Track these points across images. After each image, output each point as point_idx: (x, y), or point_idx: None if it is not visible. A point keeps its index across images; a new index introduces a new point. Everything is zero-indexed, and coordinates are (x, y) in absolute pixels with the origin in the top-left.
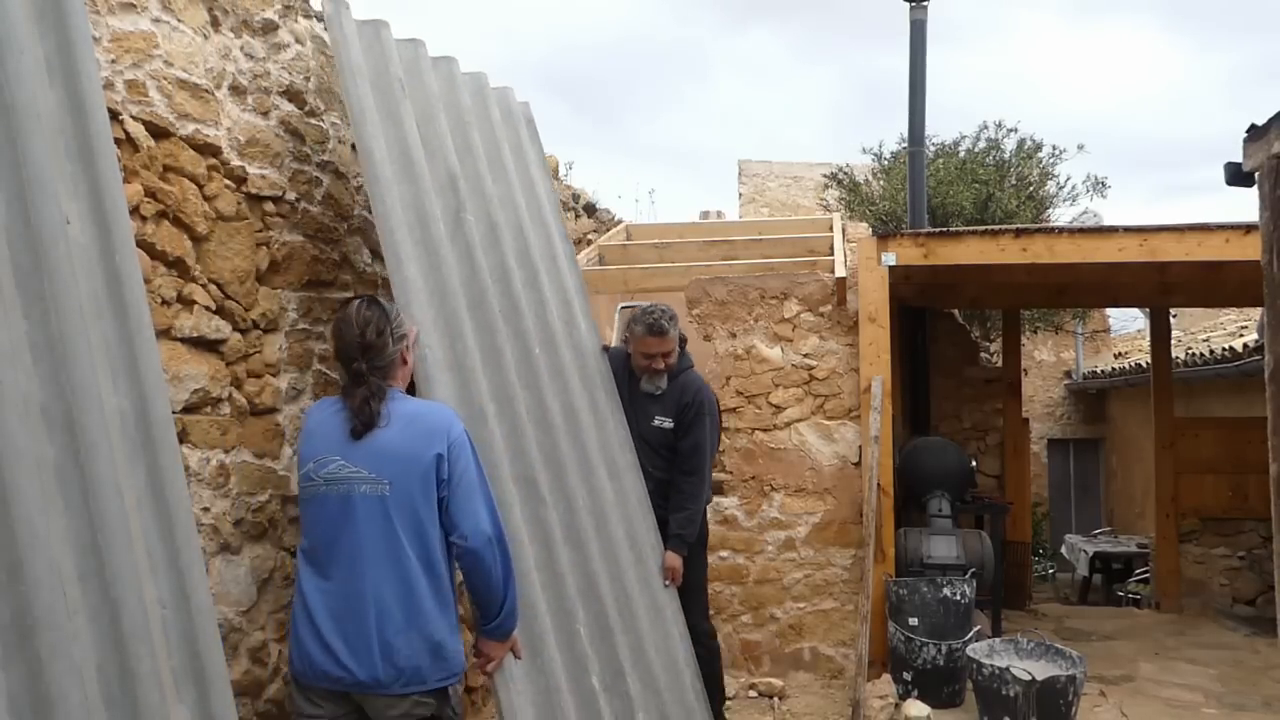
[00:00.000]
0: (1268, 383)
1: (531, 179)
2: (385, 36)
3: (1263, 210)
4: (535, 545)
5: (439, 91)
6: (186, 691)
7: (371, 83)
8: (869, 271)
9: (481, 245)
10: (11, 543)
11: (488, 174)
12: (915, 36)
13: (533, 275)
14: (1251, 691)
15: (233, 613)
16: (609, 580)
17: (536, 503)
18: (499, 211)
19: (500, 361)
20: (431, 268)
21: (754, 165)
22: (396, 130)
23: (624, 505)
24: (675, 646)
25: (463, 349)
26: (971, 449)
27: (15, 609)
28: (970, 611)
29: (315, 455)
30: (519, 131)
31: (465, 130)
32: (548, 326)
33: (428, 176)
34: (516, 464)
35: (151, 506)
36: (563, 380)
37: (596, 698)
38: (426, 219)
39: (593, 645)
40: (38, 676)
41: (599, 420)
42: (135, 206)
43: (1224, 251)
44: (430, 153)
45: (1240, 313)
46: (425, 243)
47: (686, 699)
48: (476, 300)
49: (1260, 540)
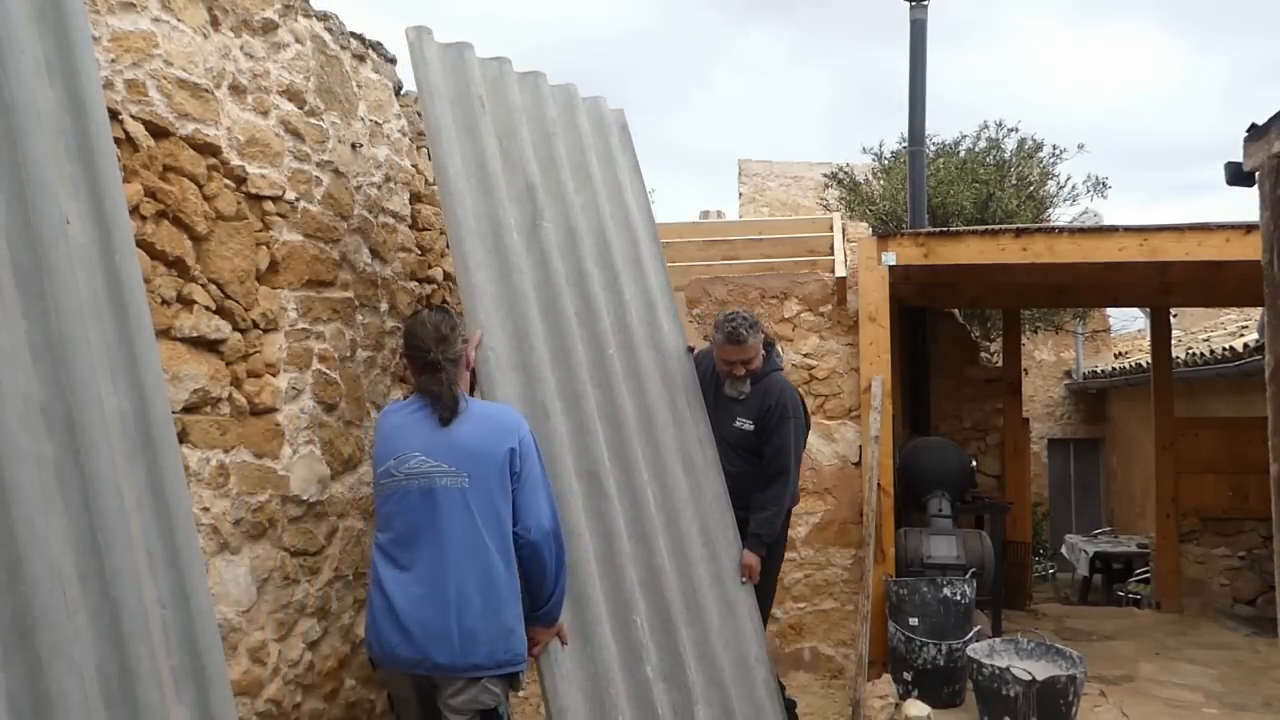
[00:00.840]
0: (1268, 383)
1: (620, 184)
2: (469, 58)
3: (1263, 210)
4: (594, 538)
5: (523, 105)
6: (186, 691)
7: (452, 101)
8: (869, 271)
9: (559, 250)
10: (11, 542)
11: (570, 182)
12: (915, 36)
13: (612, 278)
14: (1252, 691)
15: (233, 613)
16: (676, 574)
17: (599, 497)
18: (580, 218)
19: (570, 361)
20: (502, 274)
21: (754, 165)
22: (474, 145)
23: (699, 502)
24: (747, 643)
25: (529, 349)
26: (971, 449)
27: (15, 609)
28: (970, 611)
29: (395, 453)
30: (609, 139)
31: (549, 141)
32: (626, 328)
33: (504, 187)
34: (581, 460)
35: (151, 506)
36: (638, 380)
37: (651, 686)
38: (500, 228)
39: (652, 636)
40: (38, 676)
41: (677, 419)
42: (135, 206)
43: (1224, 251)
44: (510, 165)
45: (1240, 313)
46: (497, 250)
47: (756, 695)
48: (549, 303)
49: (1260, 540)
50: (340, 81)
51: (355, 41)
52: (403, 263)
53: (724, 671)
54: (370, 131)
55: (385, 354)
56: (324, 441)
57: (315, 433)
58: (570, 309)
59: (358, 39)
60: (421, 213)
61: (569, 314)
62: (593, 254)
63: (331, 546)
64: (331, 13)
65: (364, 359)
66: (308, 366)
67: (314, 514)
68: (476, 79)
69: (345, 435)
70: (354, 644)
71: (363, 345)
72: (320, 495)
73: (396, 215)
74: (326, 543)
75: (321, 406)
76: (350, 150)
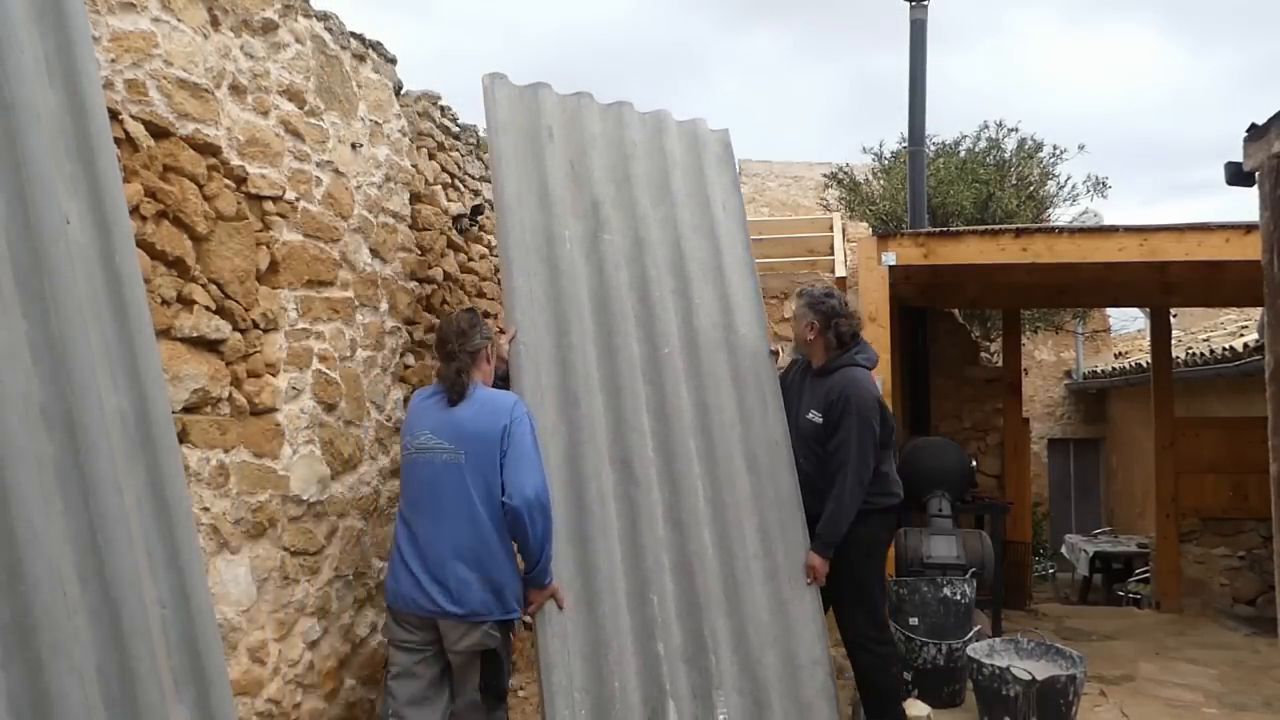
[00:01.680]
0: (1268, 382)
1: (708, 198)
2: (543, 95)
3: (1263, 210)
4: (620, 519)
5: (600, 132)
6: (186, 691)
7: (518, 133)
8: (869, 271)
9: (624, 259)
10: (11, 542)
11: (644, 198)
12: (915, 36)
13: (684, 284)
14: (1252, 691)
15: (233, 612)
16: (717, 564)
17: (629, 483)
18: (653, 230)
19: (616, 358)
20: (551, 279)
21: (754, 165)
22: (537, 170)
23: (759, 500)
24: (797, 643)
25: (568, 345)
26: (971, 449)
27: (15, 608)
28: (970, 611)
29: (411, 430)
30: (702, 157)
31: (626, 163)
32: (692, 330)
33: (565, 205)
34: (616, 447)
35: (151, 506)
36: (699, 378)
37: (660, 663)
38: (553, 239)
39: (678, 619)
40: (38, 676)
41: (744, 418)
42: (135, 206)
43: (1224, 251)
44: (576, 185)
45: (1240, 313)
46: (549, 259)
47: (802, 694)
48: (600, 305)
49: (1260, 540)
50: (340, 81)
51: (355, 41)
52: (403, 263)
53: (763, 665)
54: (370, 131)
55: (385, 354)
56: (324, 441)
57: (315, 433)
58: (627, 311)
59: (358, 39)
60: (421, 213)
61: (623, 315)
62: (664, 262)
63: (331, 546)
64: (331, 13)
65: (364, 359)
66: (308, 366)
67: (314, 514)
68: (548, 113)
69: (345, 435)
70: (354, 644)
71: (363, 345)
72: (320, 495)
73: (396, 215)
74: (326, 542)
75: (321, 406)
76: (350, 150)
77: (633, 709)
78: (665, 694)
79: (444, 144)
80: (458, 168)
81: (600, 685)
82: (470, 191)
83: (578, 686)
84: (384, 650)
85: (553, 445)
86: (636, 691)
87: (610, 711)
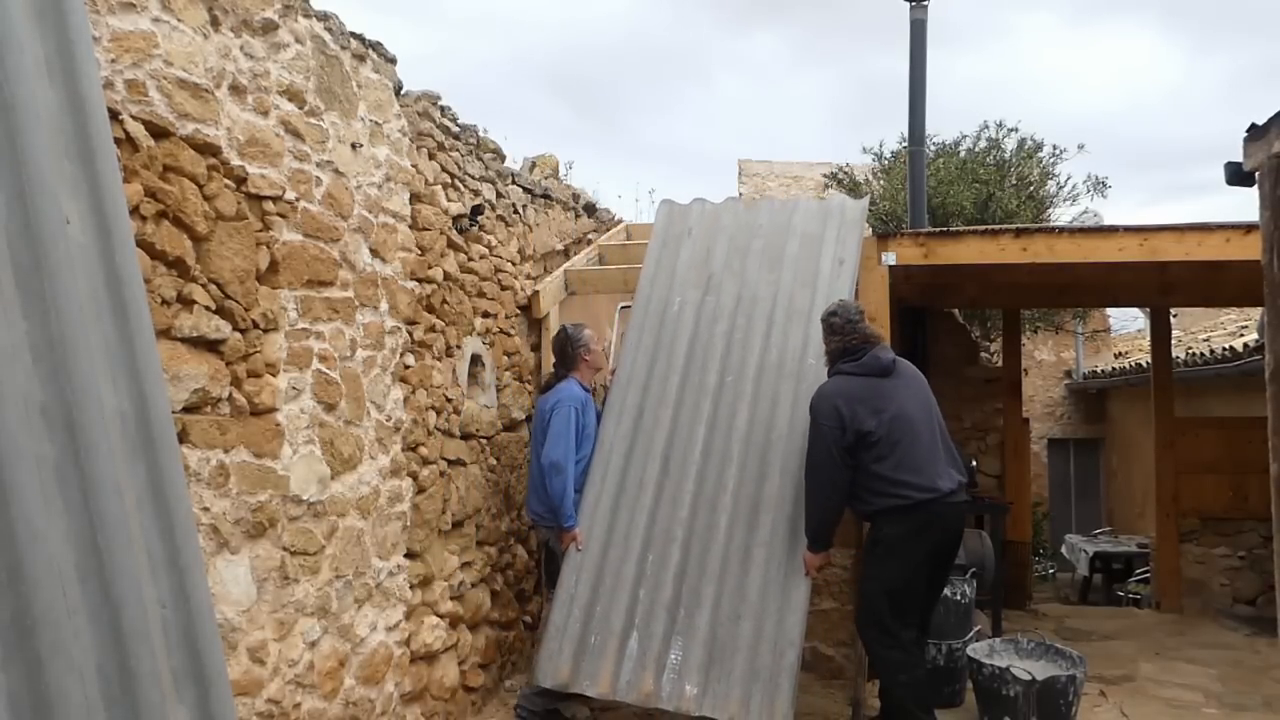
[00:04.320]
0: (1268, 383)
1: (819, 257)
2: (693, 207)
3: (1263, 210)
4: (651, 500)
5: (729, 223)
6: (186, 691)
7: (669, 235)
8: (869, 271)
9: (725, 314)
10: (11, 542)
11: (755, 265)
12: (915, 36)
13: (770, 328)
14: (1252, 691)
15: (233, 612)
16: (722, 542)
17: (663, 473)
18: (761, 289)
19: (687, 384)
20: (658, 333)
21: (754, 165)
22: (671, 260)
23: (782, 499)
24: (774, 623)
25: (651, 376)
26: (971, 449)
27: (15, 608)
28: (970, 611)
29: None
30: (826, 225)
31: (749, 241)
32: (764, 362)
33: (687, 281)
34: (666, 447)
35: (151, 506)
36: (758, 399)
37: (637, 605)
38: (668, 305)
39: (673, 578)
40: (37, 676)
41: (791, 432)
42: (135, 206)
43: (1224, 251)
44: (697, 265)
45: (1240, 313)
46: (662, 318)
47: (760, 663)
48: (692, 348)
49: (1260, 540)
50: (340, 81)
51: (355, 41)
52: (403, 262)
53: (733, 631)
54: (370, 131)
55: (385, 354)
56: (324, 441)
57: (315, 432)
58: (714, 352)
59: (358, 39)
60: (421, 213)
61: (709, 355)
62: (760, 314)
63: (331, 546)
64: (331, 13)
65: (364, 359)
66: (308, 366)
67: (313, 513)
68: (692, 219)
69: (345, 435)
70: (354, 643)
71: (363, 345)
72: (320, 495)
73: (396, 215)
74: (326, 542)
75: (321, 406)
76: (350, 150)
77: (612, 630)
78: (634, 627)
79: (444, 144)
80: (458, 168)
81: (592, 607)
82: (470, 191)
83: (577, 603)
84: (384, 649)
85: (620, 446)
86: (619, 620)
87: (590, 624)
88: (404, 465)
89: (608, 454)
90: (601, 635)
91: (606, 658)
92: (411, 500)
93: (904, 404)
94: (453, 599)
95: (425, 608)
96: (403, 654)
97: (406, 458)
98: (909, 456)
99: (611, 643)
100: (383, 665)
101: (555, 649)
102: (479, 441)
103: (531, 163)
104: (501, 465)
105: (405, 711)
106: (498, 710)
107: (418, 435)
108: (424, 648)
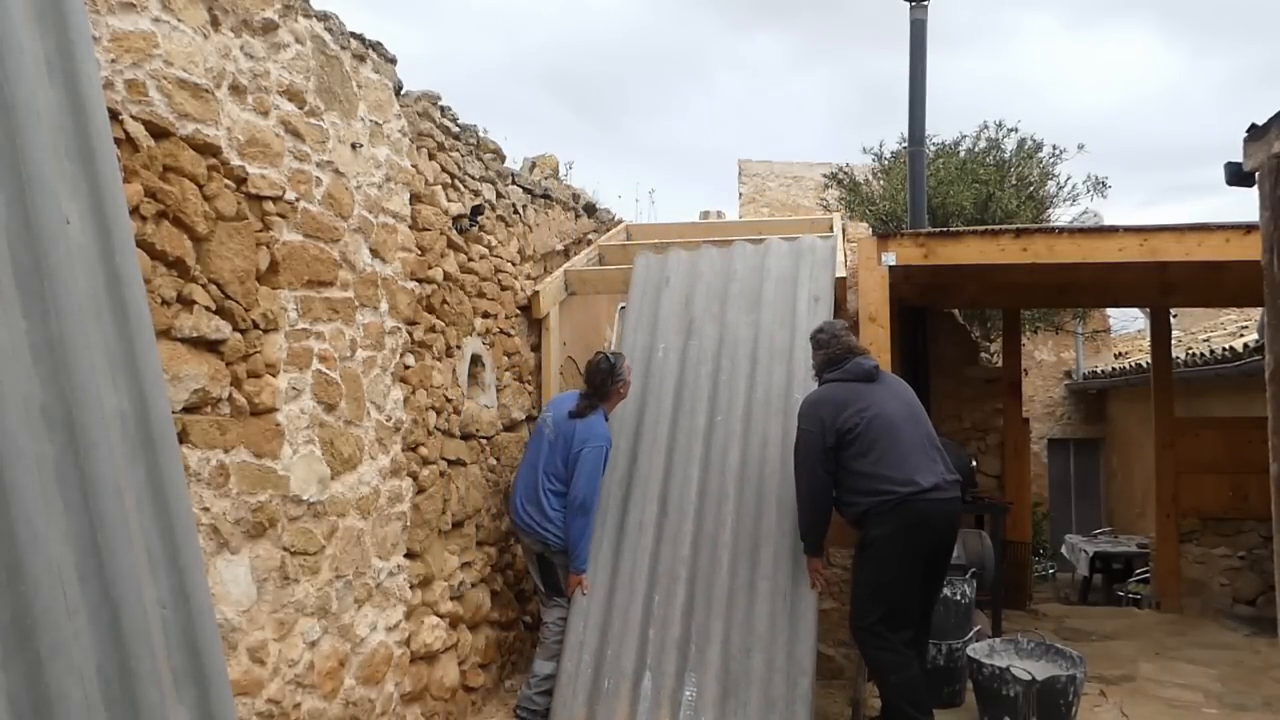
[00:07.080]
0: (1268, 383)
1: (794, 297)
2: (671, 255)
3: (1263, 210)
4: (652, 541)
5: (706, 270)
6: (186, 691)
7: (644, 286)
8: (869, 271)
9: (709, 356)
10: (11, 542)
11: (735, 309)
12: (915, 36)
13: (754, 367)
14: (1252, 691)
15: (233, 612)
16: (726, 579)
17: (664, 515)
18: (741, 330)
19: (678, 426)
20: (645, 378)
21: (754, 165)
22: (653, 308)
23: (780, 532)
24: (785, 652)
25: (643, 421)
26: (971, 449)
27: (15, 609)
28: (970, 611)
29: (545, 413)
30: (799, 265)
31: (727, 285)
32: (751, 400)
33: (669, 327)
34: (662, 489)
35: (151, 506)
36: (748, 437)
37: (649, 645)
38: (653, 352)
39: (681, 616)
40: (38, 676)
41: (784, 466)
42: (135, 206)
43: (1224, 251)
44: (677, 313)
45: (1240, 313)
46: (648, 365)
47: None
48: (679, 391)
49: (1260, 540)
50: (340, 81)
51: (355, 41)
52: (403, 263)
53: (746, 663)
54: (370, 131)
55: (385, 354)
56: (324, 441)
57: (315, 433)
58: (701, 393)
59: (358, 39)
60: (421, 213)
61: (696, 396)
62: (743, 355)
63: (331, 546)
64: (331, 13)
65: (364, 359)
66: (308, 366)
67: (313, 513)
68: (670, 266)
69: (345, 435)
70: (354, 643)
71: (363, 345)
72: (320, 495)
73: (396, 215)
74: (326, 542)
75: (321, 406)
76: (350, 150)
77: (624, 673)
78: (646, 667)
79: (444, 144)
80: (458, 168)
81: (602, 652)
82: (470, 192)
83: (586, 649)
84: (384, 649)
85: (617, 490)
86: (630, 661)
87: (602, 668)
88: (404, 465)
89: (605, 499)
90: (614, 679)
91: (621, 699)
92: (411, 500)
93: (885, 405)
94: (453, 599)
95: (425, 608)
96: (403, 654)
97: (406, 458)
98: (889, 453)
99: (625, 685)
100: (383, 665)
101: (569, 695)
102: (479, 441)
103: (531, 163)
104: (501, 465)
105: (405, 711)
106: (498, 710)
107: (418, 435)
108: (424, 648)
